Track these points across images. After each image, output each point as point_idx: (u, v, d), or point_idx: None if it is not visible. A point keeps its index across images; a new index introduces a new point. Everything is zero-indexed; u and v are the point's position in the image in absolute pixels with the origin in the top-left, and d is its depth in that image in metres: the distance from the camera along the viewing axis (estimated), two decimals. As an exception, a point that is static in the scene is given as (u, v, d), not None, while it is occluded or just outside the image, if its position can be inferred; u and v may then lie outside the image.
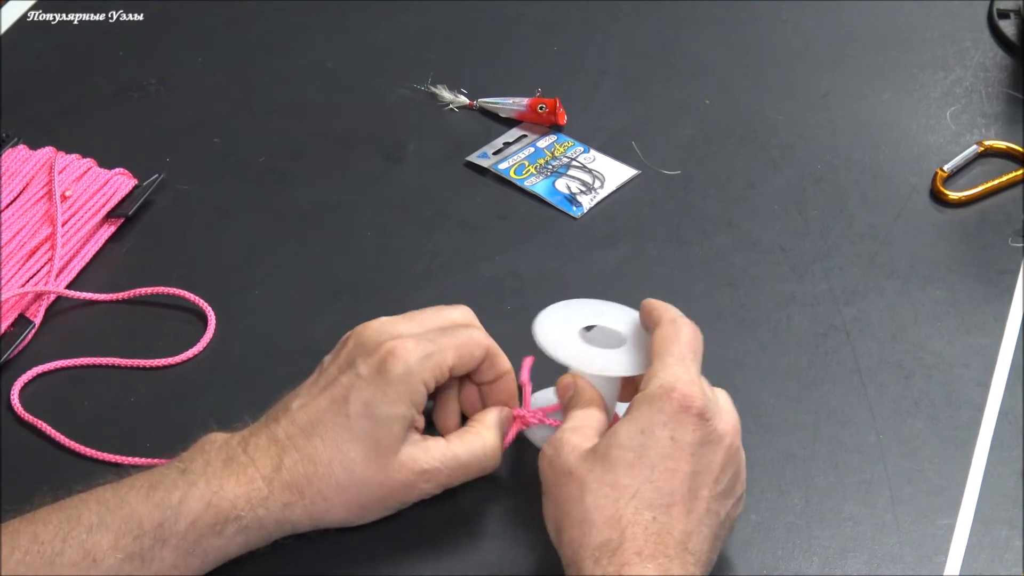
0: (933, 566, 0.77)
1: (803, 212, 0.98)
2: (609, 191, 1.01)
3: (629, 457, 0.71)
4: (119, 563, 0.71)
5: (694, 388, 0.73)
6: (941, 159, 1.01)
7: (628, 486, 0.70)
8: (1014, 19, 1.12)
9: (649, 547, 0.69)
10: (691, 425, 0.72)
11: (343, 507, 0.75)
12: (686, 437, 0.72)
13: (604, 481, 0.71)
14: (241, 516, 0.73)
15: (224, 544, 0.74)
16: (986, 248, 0.95)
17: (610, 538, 0.69)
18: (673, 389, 0.73)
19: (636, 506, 0.70)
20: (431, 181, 1.03)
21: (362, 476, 0.75)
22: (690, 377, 0.74)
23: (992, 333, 0.89)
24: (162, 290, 0.94)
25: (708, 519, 0.71)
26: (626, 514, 0.70)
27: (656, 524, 0.69)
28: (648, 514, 0.70)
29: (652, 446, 0.71)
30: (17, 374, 0.89)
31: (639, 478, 0.71)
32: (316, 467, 0.75)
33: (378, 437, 0.75)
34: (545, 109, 1.05)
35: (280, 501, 0.74)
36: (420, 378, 0.76)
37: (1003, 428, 0.84)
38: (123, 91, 1.12)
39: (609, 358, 0.79)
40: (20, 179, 1.01)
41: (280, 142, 1.07)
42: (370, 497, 0.76)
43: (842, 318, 0.91)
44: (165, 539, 0.72)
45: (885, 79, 1.09)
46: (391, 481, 0.75)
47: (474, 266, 0.96)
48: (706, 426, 0.72)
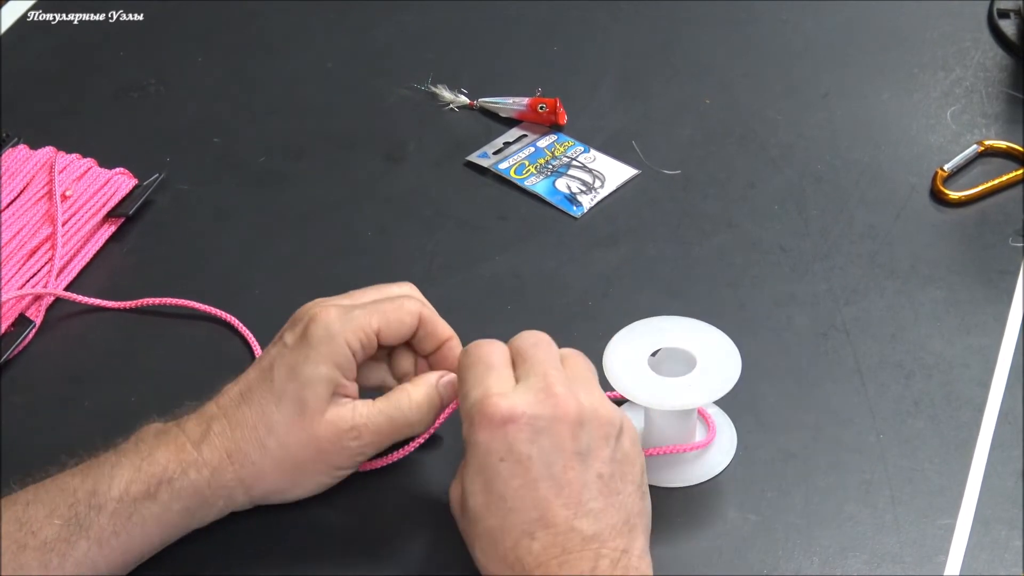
0: (933, 566, 0.77)
1: (803, 212, 0.98)
2: (609, 191, 1.01)
3: (482, 501, 0.70)
4: (57, 530, 0.72)
5: (489, 400, 0.72)
6: (941, 159, 1.00)
7: (495, 526, 0.70)
8: (1014, 19, 1.12)
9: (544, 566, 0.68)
10: (509, 434, 0.71)
11: (273, 470, 0.76)
12: (514, 446, 0.70)
13: (480, 534, 0.70)
14: (173, 479, 0.74)
15: (162, 511, 0.74)
16: (986, 248, 0.95)
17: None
18: (472, 419, 0.72)
19: (513, 539, 0.69)
20: (431, 181, 1.03)
21: (286, 436, 0.76)
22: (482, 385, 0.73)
23: (992, 333, 0.89)
24: (168, 301, 0.93)
25: (588, 491, 0.70)
26: (508, 552, 0.69)
27: (538, 542, 0.68)
28: (526, 539, 0.69)
29: (493, 478, 0.70)
30: (17, 374, 0.89)
31: (499, 513, 0.70)
32: (242, 431, 0.76)
33: (302, 397, 0.76)
34: (545, 109, 1.05)
35: (210, 465, 0.75)
36: (343, 339, 0.77)
37: (1003, 428, 0.84)
38: (123, 91, 1.12)
39: (676, 389, 0.78)
40: (20, 179, 1.01)
41: (280, 142, 1.07)
42: (298, 458, 0.76)
43: (842, 318, 0.91)
44: (101, 506, 0.73)
45: (885, 79, 1.09)
46: (317, 440, 0.76)
47: (474, 266, 0.96)
48: (527, 424, 0.71)
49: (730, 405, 0.85)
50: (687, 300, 0.93)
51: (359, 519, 0.80)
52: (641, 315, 0.83)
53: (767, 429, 0.84)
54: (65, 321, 0.94)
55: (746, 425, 0.84)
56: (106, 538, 0.73)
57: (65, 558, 0.72)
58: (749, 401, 0.86)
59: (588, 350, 0.89)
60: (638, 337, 0.81)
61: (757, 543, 0.79)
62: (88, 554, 0.73)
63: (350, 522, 0.80)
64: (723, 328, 0.90)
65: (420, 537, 0.80)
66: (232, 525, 0.79)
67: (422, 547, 0.79)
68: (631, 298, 0.93)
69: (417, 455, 0.82)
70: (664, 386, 0.78)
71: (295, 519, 0.80)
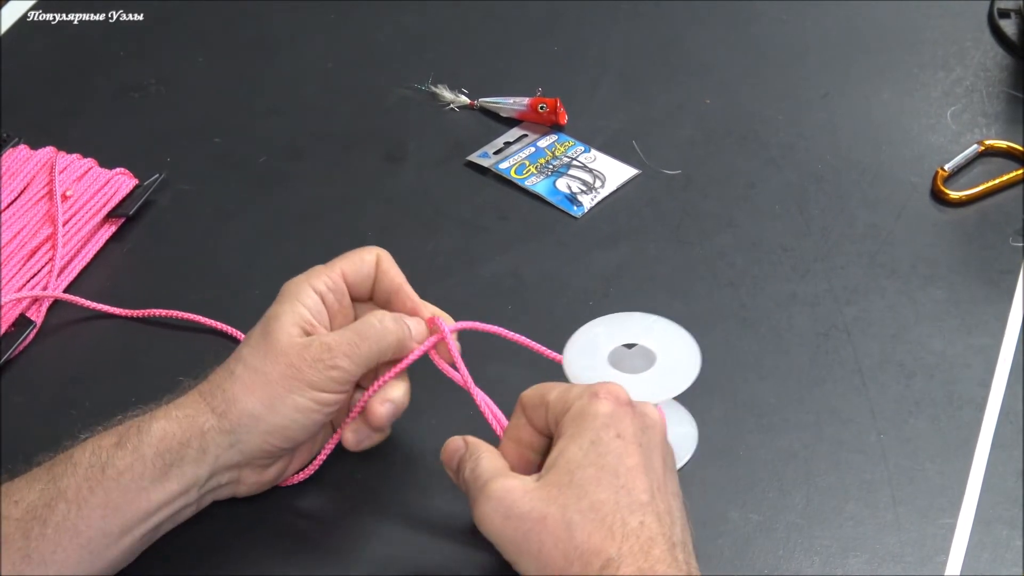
0: (934, 566, 0.77)
1: (804, 212, 0.98)
2: (610, 191, 1.01)
3: (592, 472, 0.69)
4: (38, 494, 0.73)
5: (612, 384, 0.73)
6: (942, 159, 1.01)
7: (605, 500, 0.69)
8: (1015, 19, 1.12)
9: (648, 553, 0.67)
10: (627, 417, 0.72)
11: (244, 391, 0.76)
12: (628, 429, 0.71)
13: (582, 508, 0.68)
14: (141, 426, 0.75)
15: (134, 460, 0.74)
16: (987, 248, 0.95)
17: (611, 557, 0.67)
18: (596, 392, 0.72)
19: (622, 516, 0.68)
20: (431, 181, 1.03)
21: (252, 358, 0.77)
22: (584, 386, 0.74)
23: (993, 333, 0.89)
24: (175, 314, 0.93)
25: (672, 499, 0.71)
26: (615, 526, 0.68)
27: (646, 528, 0.68)
28: (634, 519, 0.68)
29: (606, 452, 0.70)
30: (17, 374, 0.89)
31: (611, 487, 0.69)
32: (213, 375, 0.78)
33: (267, 328, 0.78)
34: (546, 109, 1.05)
35: (180, 407, 0.76)
36: (307, 284, 0.79)
37: (1004, 428, 0.84)
38: (123, 91, 1.12)
39: (636, 386, 0.77)
40: (21, 179, 1.01)
41: (280, 142, 1.07)
42: (268, 375, 0.76)
43: (843, 318, 0.91)
44: (76, 463, 0.74)
45: (885, 79, 1.09)
46: (285, 355, 0.76)
47: (474, 266, 0.96)
48: (637, 412, 0.72)
49: (731, 405, 0.85)
50: (687, 300, 0.93)
51: (344, 519, 0.81)
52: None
53: (767, 429, 0.84)
54: (65, 321, 0.94)
55: (746, 425, 0.84)
56: (83, 496, 0.72)
57: (46, 524, 0.72)
58: (749, 401, 0.86)
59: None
60: (601, 333, 0.81)
61: (758, 543, 0.79)
62: (68, 515, 0.72)
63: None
64: (724, 328, 0.90)
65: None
66: (220, 525, 0.79)
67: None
68: (631, 298, 0.93)
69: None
70: (610, 377, 0.77)
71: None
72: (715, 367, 0.88)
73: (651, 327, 0.81)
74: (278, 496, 0.82)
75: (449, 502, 0.81)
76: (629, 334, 0.80)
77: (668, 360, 0.79)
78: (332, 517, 0.81)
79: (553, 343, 0.90)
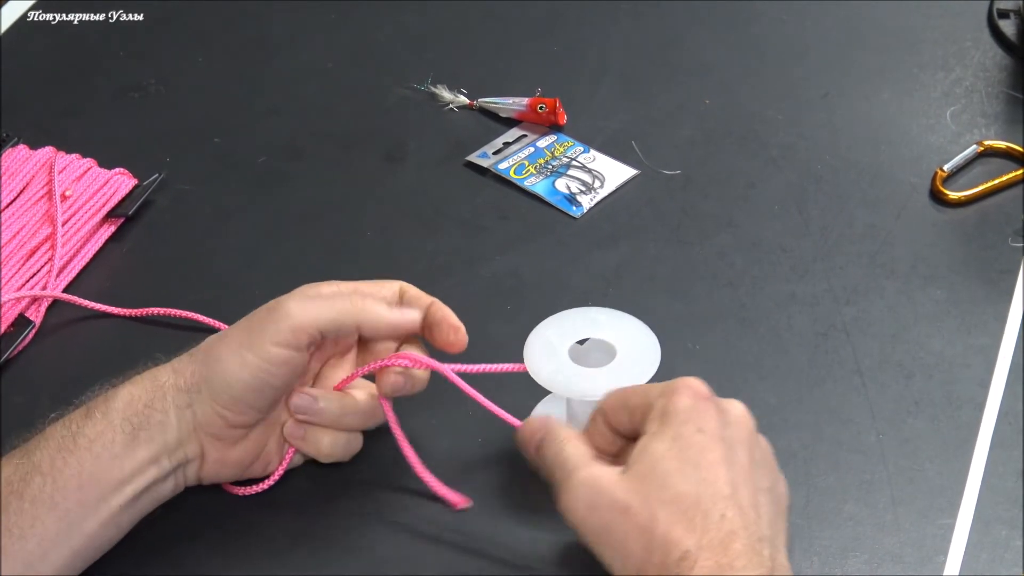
0: (933, 566, 0.77)
1: (803, 212, 0.98)
2: (609, 191, 1.01)
3: (674, 466, 0.70)
4: (13, 468, 0.73)
5: (692, 379, 0.73)
6: (941, 159, 1.00)
7: (687, 492, 0.69)
8: (1014, 19, 1.12)
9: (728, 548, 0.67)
10: (708, 411, 0.72)
11: (210, 348, 0.77)
12: (710, 424, 0.71)
13: (664, 499, 0.68)
14: (108, 396, 0.76)
15: (105, 428, 0.74)
16: (986, 248, 0.95)
17: (688, 549, 0.67)
18: (676, 388, 0.73)
19: (705, 508, 0.68)
20: (431, 181, 1.03)
21: (227, 332, 0.78)
22: (673, 380, 0.74)
23: (992, 333, 0.89)
24: (173, 312, 0.93)
25: (760, 494, 0.71)
26: (696, 519, 0.68)
27: (727, 521, 0.68)
28: (716, 512, 0.68)
29: (687, 446, 0.70)
30: (17, 374, 0.89)
31: (694, 480, 0.69)
32: (200, 350, 0.78)
33: (249, 324, 0.77)
34: (545, 109, 1.05)
35: (148, 376, 0.77)
36: (300, 311, 0.77)
37: (1003, 428, 0.84)
38: (123, 91, 1.12)
39: (596, 380, 0.78)
40: (20, 179, 1.01)
41: (280, 142, 1.07)
42: (238, 328, 0.77)
43: (842, 318, 0.91)
44: (47, 437, 0.75)
45: (885, 79, 1.09)
46: (255, 313, 0.77)
47: (474, 266, 0.96)
48: (719, 407, 0.72)
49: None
50: (687, 300, 0.93)
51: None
52: (641, 315, 0.82)
53: (767, 429, 0.84)
54: (65, 321, 0.94)
55: (746, 425, 0.84)
56: (58, 468, 0.73)
57: (23, 498, 0.72)
58: (749, 401, 0.85)
59: (588, 350, 0.89)
60: (561, 327, 0.81)
61: (757, 543, 0.78)
62: (43, 488, 0.72)
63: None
64: (724, 328, 0.90)
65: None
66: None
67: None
68: (631, 298, 0.93)
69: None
70: (580, 375, 0.78)
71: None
72: (715, 367, 0.88)
73: (596, 319, 0.81)
74: (280, 497, 0.82)
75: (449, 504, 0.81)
76: (579, 331, 0.81)
77: (627, 347, 0.79)
78: (332, 517, 0.81)
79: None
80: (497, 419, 0.83)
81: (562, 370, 0.79)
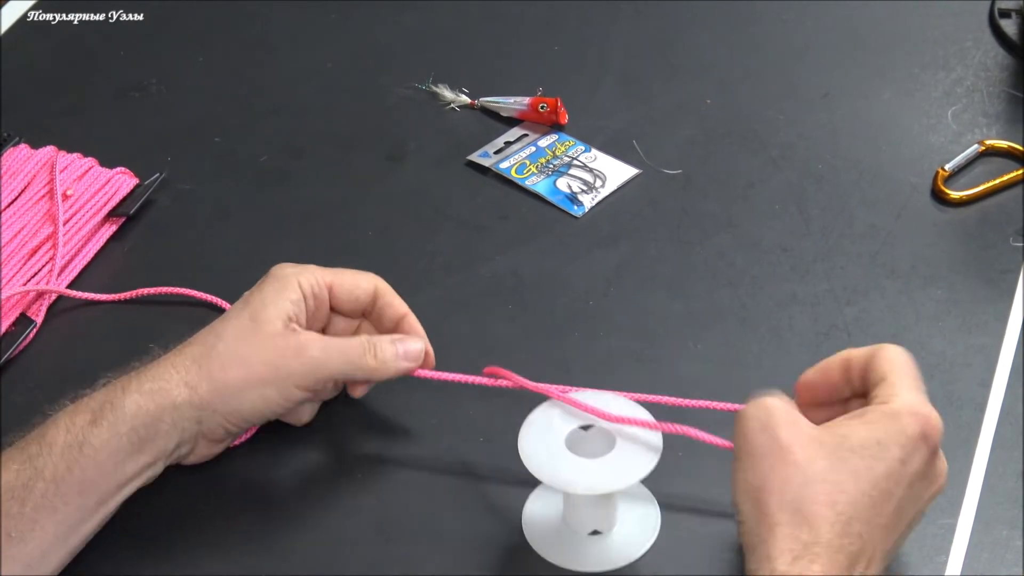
0: (934, 566, 0.77)
1: (804, 212, 0.98)
2: (610, 190, 1.01)
3: (858, 464, 0.69)
4: (14, 475, 0.74)
5: (938, 421, 0.71)
6: (942, 158, 1.00)
7: (849, 492, 0.68)
8: (1015, 18, 1.12)
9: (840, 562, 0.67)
10: (923, 456, 0.70)
11: (220, 369, 0.78)
12: (914, 465, 0.70)
13: (828, 478, 0.68)
14: (114, 401, 0.76)
15: (110, 436, 0.75)
16: (987, 248, 0.95)
17: (809, 538, 0.67)
18: (920, 415, 0.71)
19: (849, 515, 0.68)
20: (431, 181, 1.03)
21: (235, 338, 0.79)
22: (931, 409, 0.72)
23: (993, 333, 0.89)
24: (164, 290, 0.94)
25: (896, 545, 0.71)
26: (839, 521, 0.67)
27: (860, 541, 0.67)
28: (856, 527, 0.68)
29: (882, 461, 0.69)
30: (18, 373, 0.89)
31: (862, 488, 0.68)
32: (190, 347, 0.79)
33: (254, 315, 0.79)
34: (546, 108, 1.05)
35: (154, 380, 0.77)
36: (295, 280, 0.81)
37: (1004, 428, 0.84)
38: (124, 91, 1.12)
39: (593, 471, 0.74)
40: (21, 178, 1.01)
41: (280, 142, 1.07)
42: (248, 358, 0.78)
43: (843, 318, 0.91)
44: (52, 443, 0.75)
45: (886, 79, 1.09)
46: (273, 348, 0.79)
47: (474, 266, 0.96)
48: (934, 461, 0.71)
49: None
50: (687, 300, 0.93)
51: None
52: (642, 315, 0.82)
53: (768, 429, 0.84)
54: (66, 321, 0.94)
55: (747, 425, 0.84)
56: (61, 475, 0.74)
57: (24, 503, 0.73)
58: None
59: (588, 350, 0.89)
60: (556, 415, 0.77)
61: (758, 543, 0.78)
62: (46, 494, 0.73)
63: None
64: (724, 328, 0.90)
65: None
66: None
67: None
68: (631, 298, 0.93)
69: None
70: (578, 468, 0.74)
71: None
72: (715, 367, 0.88)
73: (607, 406, 0.76)
74: (280, 497, 0.82)
75: (449, 501, 0.81)
76: (584, 416, 0.76)
77: (627, 443, 0.75)
78: (333, 517, 0.81)
79: (553, 342, 0.90)
80: (498, 419, 0.83)
81: (553, 455, 0.75)
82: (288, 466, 0.83)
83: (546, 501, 0.80)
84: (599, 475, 0.74)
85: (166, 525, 0.80)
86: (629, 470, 0.74)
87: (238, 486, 0.82)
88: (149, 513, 0.79)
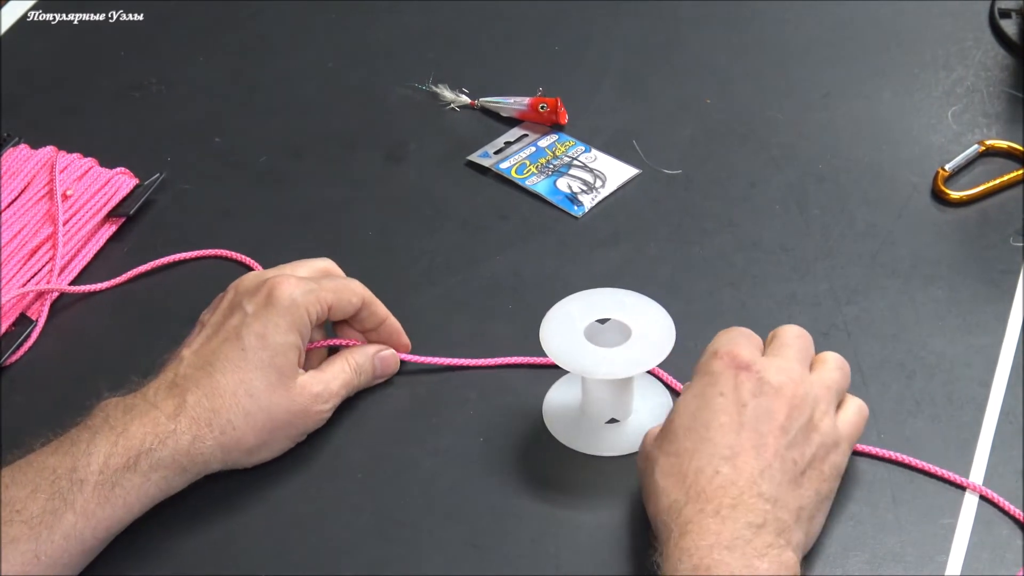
0: (935, 566, 0.77)
1: (804, 211, 0.98)
2: (610, 190, 1.01)
3: (686, 423, 0.75)
4: (43, 504, 0.74)
5: (738, 348, 0.77)
6: (942, 158, 1.00)
7: (687, 449, 0.73)
8: (1015, 18, 1.12)
9: (714, 500, 0.71)
10: (741, 380, 0.75)
11: (253, 433, 0.79)
12: (739, 392, 0.75)
13: (669, 451, 0.74)
14: (152, 450, 0.76)
15: (142, 481, 0.76)
16: (987, 247, 0.95)
17: (676, 499, 0.72)
18: (716, 352, 0.76)
19: (698, 465, 0.73)
20: (431, 181, 1.03)
21: (267, 402, 0.79)
22: (733, 341, 0.77)
23: (994, 332, 0.89)
24: (159, 262, 0.96)
25: (779, 463, 0.73)
26: (688, 473, 0.72)
27: (720, 477, 0.72)
28: (710, 468, 0.72)
29: (705, 406, 0.75)
30: (18, 373, 0.89)
31: (696, 438, 0.74)
32: (222, 399, 0.79)
33: (277, 364, 0.80)
34: (546, 108, 1.05)
35: (189, 435, 0.77)
36: (304, 308, 0.81)
37: (1004, 428, 0.84)
38: (124, 91, 1.12)
39: (610, 360, 0.80)
40: (21, 178, 1.01)
41: (280, 142, 1.07)
42: (277, 421, 0.80)
43: (843, 317, 0.91)
44: (83, 480, 0.75)
45: (886, 78, 1.09)
46: (295, 405, 0.81)
47: (474, 266, 0.96)
48: (757, 378, 0.75)
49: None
50: (687, 300, 0.93)
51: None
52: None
53: (768, 429, 0.84)
54: (66, 320, 0.94)
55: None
56: (91, 510, 0.75)
57: (53, 530, 0.74)
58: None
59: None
60: (575, 309, 0.83)
61: (758, 543, 0.78)
62: (76, 526, 0.74)
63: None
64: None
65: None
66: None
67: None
68: (632, 298, 0.93)
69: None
70: (595, 355, 0.80)
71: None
72: (715, 367, 0.88)
73: (623, 301, 0.83)
74: (281, 498, 0.82)
75: (449, 501, 0.81)
76: (602, 309, 0.82)
77: (642, 333, 0.81)
78: (331, 518, 0.81)
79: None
80: (498, 419, 0.83)
81: (572, 344, 0.80)
82: (288, 466, 0.83)
83: (566, 391, 0.85)
84: (617, 362, 0.79)
85: (166, 525, 0.80)
86: (644, 357, 0.80)
87: (238, 486, 0.82)
88: (149, 513, 0.79)
